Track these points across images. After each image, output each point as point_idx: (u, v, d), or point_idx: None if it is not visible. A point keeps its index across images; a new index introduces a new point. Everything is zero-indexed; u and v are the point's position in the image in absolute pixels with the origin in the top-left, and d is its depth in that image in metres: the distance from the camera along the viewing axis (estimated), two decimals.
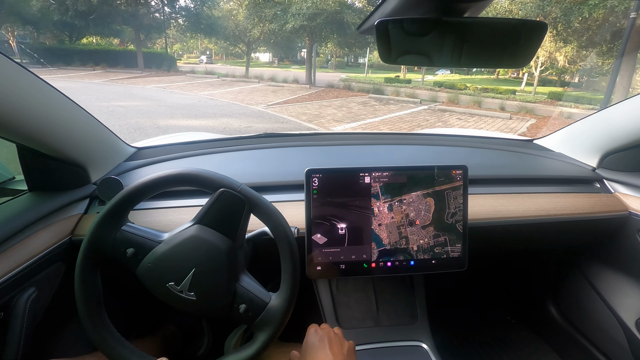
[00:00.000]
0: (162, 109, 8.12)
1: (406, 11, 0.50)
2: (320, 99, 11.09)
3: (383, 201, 0.81)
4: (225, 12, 21.04)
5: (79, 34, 20.97)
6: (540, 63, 12.66)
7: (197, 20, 19.56)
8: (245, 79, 16.50)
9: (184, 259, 0.58)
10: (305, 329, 0.66)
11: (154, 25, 19.76)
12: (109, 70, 17.55)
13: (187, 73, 18.19)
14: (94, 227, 0.58)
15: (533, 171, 1.09)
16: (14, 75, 0.60)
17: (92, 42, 25.20)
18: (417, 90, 12.44)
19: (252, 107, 9.06)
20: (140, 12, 18.58)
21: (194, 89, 12.50)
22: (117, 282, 1.02)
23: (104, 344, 0.57)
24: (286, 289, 0.60)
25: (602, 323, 1.14)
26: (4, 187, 0.96)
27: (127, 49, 22.04)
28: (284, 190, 0.91)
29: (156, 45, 25.41)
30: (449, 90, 12.70)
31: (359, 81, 15.34)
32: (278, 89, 13.21)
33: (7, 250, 0.65)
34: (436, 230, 0.83)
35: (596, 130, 1.10)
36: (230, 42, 20.16)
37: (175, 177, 0.60)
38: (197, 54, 39.75)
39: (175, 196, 0.87)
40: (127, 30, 20.71)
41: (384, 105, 10.34)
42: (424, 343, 0.93)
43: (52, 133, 0.71)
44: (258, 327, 0.60)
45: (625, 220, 1.03)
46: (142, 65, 18.80)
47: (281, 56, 36.52)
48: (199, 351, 1.18)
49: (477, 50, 0.53)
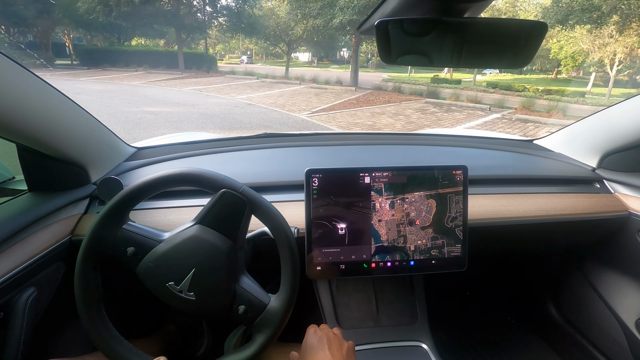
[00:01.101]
0: (194, 117, 7.29)
1: (406, 11, 0.50)
2: (369, 104, 9.71)
3: (385, 197, 0.81)
4: (267, 11, 20.56)
5: (126, 35, 21.27)
6: (617, 61, 10.78)
7: (238, 19, 19.23)
8: (285, 80, 15.42)
9: (184, 259, 0.58)
10: (305, 329, 0.66)
11: (195, 25, 19.56)
12: (150, 72, 17.33)
13: (226, 74, 17.64)
14: (94, 226, 0.58)
15: (533, 171, 1.09)
16: (14, 76, 0.60)
17: (141, 43, 25.50)
18: (473, 93, 11.09)
19: (295, 115, 7.86)
20: (182, 12, 18.45)
21: (232, 91, 11.59)
22: (117, 282, 1.03)
23: (103, 343, 0.57)
24: (285, 290, 0.60)
25: (602, 323, 1.14)
26: (4, 187, 0.96)
27: (170, 49, 21.99)
28: (284, 190, 0.91)
29: (200, 46, 25.29)
30: (506, 91, 11.45)
31: (403, 82, 14.37)
32: (321, 92, 11.99)
33: (7, 250, 0.65)
34: (435, 232, 0.83)
35: (596, 131, 1.10)
36: (271, 41, 19.71)
37: (176, 176, 0.60)
38: (238, 54, 39.35)
39: (175, 196, 0.87)
40: (170, 31, 20.78)
41: (446, 112, 8.83)
42: (424, 343, 0.93)
43: (52, 133, 0.71)
44: (257, 328, 0.60)
45: (625, 220, 1.03)
46: (183, 66, 18.61)
47: (320, 55, 35.61)
48: (199, 351, 1.18)
49: (477, 50, 0.53)
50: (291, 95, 11.10)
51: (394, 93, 12.06)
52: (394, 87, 12.82)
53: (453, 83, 13.71)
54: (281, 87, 13.25)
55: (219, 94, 10.89)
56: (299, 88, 13.03)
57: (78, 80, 13.10)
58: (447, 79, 15.75)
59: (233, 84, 13.88)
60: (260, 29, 18.96)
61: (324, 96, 11.01)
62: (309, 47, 26.67)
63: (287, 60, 18.35)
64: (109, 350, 0.57)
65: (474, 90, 12.25)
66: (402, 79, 16.35)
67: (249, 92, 11.57)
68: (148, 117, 6.99)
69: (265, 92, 11.68)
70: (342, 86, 13.52)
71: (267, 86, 13.36)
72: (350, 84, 13.74)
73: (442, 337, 1.05)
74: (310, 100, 10.04)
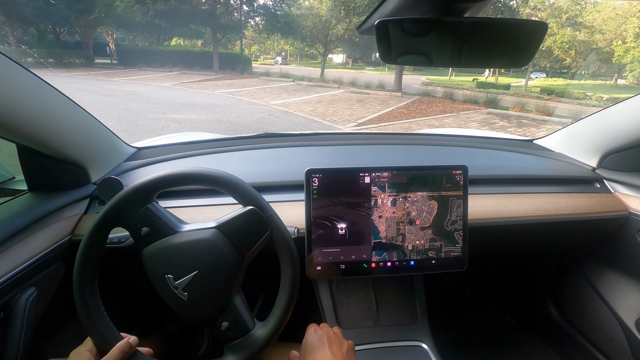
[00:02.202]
0: (222, 127, 6.45)
1: (406, 11, 0.50)
2: (423, 114, 8.32)
3: (388, 194, 0.81)
4: (305, 10, 20.30)
5: (165, 35, 21.51)
6: None
7: (275, 18, 18.93)
8: (322, 83, 14.58)
9: (191, 258, 0.58)
10: (305, 328, 0.66)
11: (231, 24, 19.52)
12: (184, 72, 17.33)
13: (260, 76, 17.15)
14: (125, 194, 0.58)
15: (533, 171, 1.09)
16: (14, 76, 0.60)
17: (180, 43, 25.60)
18: (532, 100, 10.11)
19: (339, 128, 6.84)
20: (219, 10, 18.41)
21: (266, 95, 10.75)
22: (118, 282, 1.02)
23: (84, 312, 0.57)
24: (274, 322, 0.60)
25: (602, 323, 1.14)
26: (4, 187, 0.96)
27: (205, 50, 21.92)
28: (284, 190, 0.91)
29: (236, 46, 25.24)
30: (564, 99, 10.52)
31: (445, 85, 13.53)
32: (363, 97, 10.91)
33: (7, 250, 0.65)
34: (434, 234, 0.83)
35: (596, 130, 1.10)
36: (307, 42, 19.37)
37: (215, 178, 0.61)
38: (273, 55, 39.04)
39: (182, 196, 0.87)
40: (207, 31, 20.77)
41: (517, 125, 7.49)
42: (424, 343, 0.92)
43: (52, 133, 0.71)
44: (231, 348, 0.59)
45: (625, 220, 1.03)
46: (217, 67, 18.48)
47: (355, 57, 34.58)
48: (199, 351, 1.18)
49: (477, 50, 0.53)
50: (331, 101, 10.07)
51: (447, 101, 10.61)
52: (445, 93, 11.56)
53: (501, 88, 12.49)
54: (319, 90, 12.48)
55: (252, 99, 9.93)
56: (338, 93, 12.17)
57: (111, 80, 12.85)
58: (492, 82, 14.66)
59: (267, 86, 13.19)
60: (297, 29, 18.56)
61: (367, 103, 9.83)
62: (345, 48, 26.21)
63: (323, 61, 17.94)
64: (87, 319, 0.57)
65: (526, 97, 11.17)
66: (441, 82, 15.49)
67: (285, 96, 10.71)
68: (171, 126, 6.33)
69: (302, 96, 10.79)
70: (385, 91, 12.39)
71: (303, 90, 12.49)
72: (395, 89, 12.74)
73: (442, 337, 1.05)
74: (354, 108, 8.84)
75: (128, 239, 0.76)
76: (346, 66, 32.23)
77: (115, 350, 0.54)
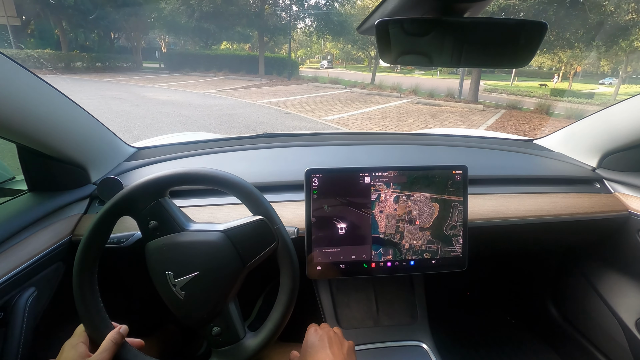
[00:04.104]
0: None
1: (406, 11, 0.50)
2: (527, 133, 6.95)
3: (392, 190, 0.81)
4: (358, 10, 19.04)
5: (213, 39, 21.16)
6: None
7: (327, 19, 17.96)
8: (380, 91, 12.65)
9: (195, 258, 0.58)
10: (305, 328, 0.66)
11: (279, 26, 18.70)
12: (228, 77, 16.71)
13: (308, 81, 15.98)
14: (142, 183, 0.58)
15: (533, 171, 1.09)
16: (14, 76, 0.60)
17: (228, 48, 25.22)
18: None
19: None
20: (266, 12, 17.78)
21: (317, 106, 9.04)
22: (118, 282, 1.02)
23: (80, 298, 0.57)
24: (265, 334, 0.59)
25: (602, 323, 1.14)
26: (4, 187, 0.96)
27: (252, 53, 21.28)
28: (284, 190, 0.91)
29: (283, 50, 24.81)
30: None
31: (511, 93, 12.14)
32: (436, 111, 8.96)
33: (7, 250, 0.65)
34: (432, 236, 0.83)
35: (596, 130, 1.10)
36: (358, 45, 18.27)
37: (230, 182, 0.61)
38: (319, 58, 38.40)
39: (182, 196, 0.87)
40: (255, 34, 20.32)
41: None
42: (424, 343, 0.92)
43: (52, 133, 0.71)
44: (218, 354, 0.59)
45: (625, 220, 1.03)
46: (262, 72, 17.84)
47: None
48: (199, 351, 1.18)
49: (477, 50, 0.53)
50: (398, 116, 8.15)
51: (542, 115, 8.80)
52: (539, 105, 9.46)
53: (582, 96, 10.65)
54: (378, 100, 10.61)
55: (302, 112, 8.23)
56: (402, 104, 10.15)
57: (151, 87, 11.80)
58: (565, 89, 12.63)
59: (318, 94, 11.59)
60: (350, 30, 17.43)
61: (444, 118, 8.05)
62: None
63: (375, 65, 16.79)
64: (83, 308, 0.57)
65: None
66: (505, 88, 14.16)
67: (339, 108, 8.99)
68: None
69: (361, 108, 8.94)
70: (458, 102, 10.51)
71: (360, 99, 10.68)
72: (470, 99, 11.02)
73: (442, 337, 1.05)
74: (431, 127, 7.12)
75: (128, 239, 0.76)
76: (394, 70, 30.24)
77: (108, 343, 0.54)
